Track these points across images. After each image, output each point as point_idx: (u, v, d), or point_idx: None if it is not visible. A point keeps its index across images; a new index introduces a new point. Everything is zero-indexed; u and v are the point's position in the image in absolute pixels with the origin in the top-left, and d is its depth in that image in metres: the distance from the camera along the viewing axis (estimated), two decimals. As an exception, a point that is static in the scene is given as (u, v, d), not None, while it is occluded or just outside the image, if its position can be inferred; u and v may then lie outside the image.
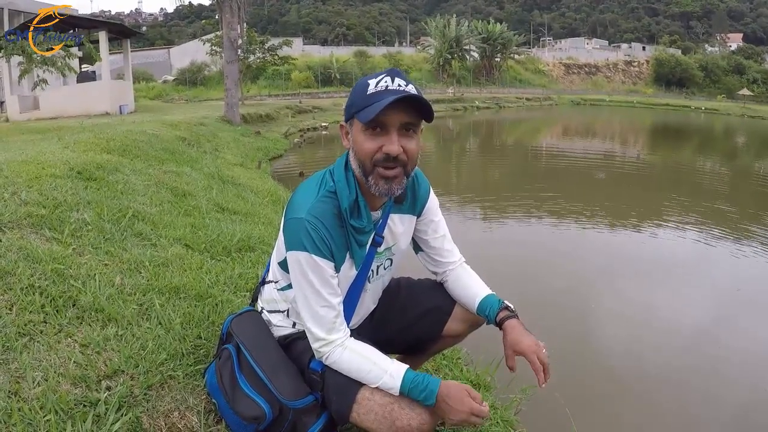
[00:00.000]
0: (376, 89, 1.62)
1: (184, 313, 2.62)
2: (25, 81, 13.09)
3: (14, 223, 3.13)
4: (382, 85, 1.62)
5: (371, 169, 1.66)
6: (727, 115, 48.37)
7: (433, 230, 2.06)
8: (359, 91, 1.66)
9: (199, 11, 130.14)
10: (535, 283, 5.91)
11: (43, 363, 1.97)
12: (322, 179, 1.79)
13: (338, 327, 1.74)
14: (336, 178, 1.75)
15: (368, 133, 1.64)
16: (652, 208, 10.29)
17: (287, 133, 20.05)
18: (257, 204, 6.39)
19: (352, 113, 1.68)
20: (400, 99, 1.58)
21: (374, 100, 1.60)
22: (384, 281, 2.05)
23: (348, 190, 1.73)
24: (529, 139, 25.57)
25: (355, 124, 1.68)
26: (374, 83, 1.63)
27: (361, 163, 1.67)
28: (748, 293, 5.97)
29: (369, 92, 1.62)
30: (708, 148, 24.56)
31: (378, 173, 1.66)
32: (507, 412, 2.97)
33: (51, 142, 7.56)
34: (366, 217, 1.76)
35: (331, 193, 1.74)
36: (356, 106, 1.65)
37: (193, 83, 42.56)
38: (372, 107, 1.59)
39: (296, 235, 1.68)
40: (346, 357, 1.71)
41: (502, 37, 60.43)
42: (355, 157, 1.70)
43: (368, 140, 1.64)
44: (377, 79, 1.64)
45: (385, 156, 1.63)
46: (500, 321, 1.94)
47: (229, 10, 18.75)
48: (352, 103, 1.68)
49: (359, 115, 1.63)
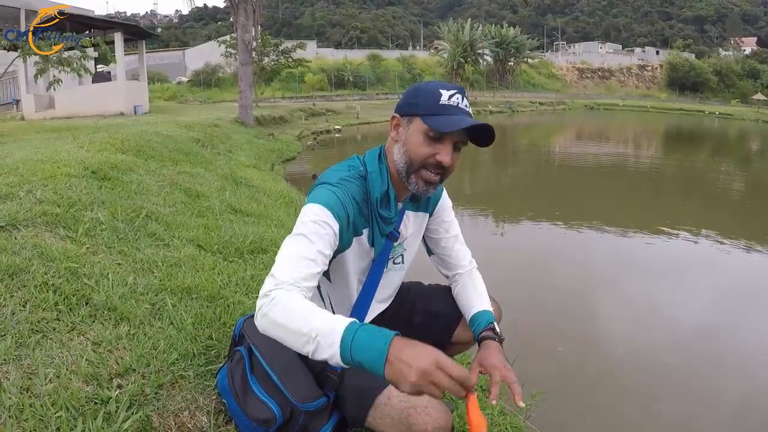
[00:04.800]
0: (449, 102, 1.67)
1: (195, 314, 2.62)
2: (41, 80, 13.19)
3: (29, 221, 3.15)
4: (454, 101, 1.67)
5: (417, 169, 1.70)
6: (741, 120, 48.06)
7: (445, 230, 2.08)
8: (429, 96, 1.69)
9: (214, 13, 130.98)
10: (548, 287, 5.88)
11: (55, 360, 1.98)
12: (350, 165, 1.82)
13: (301, 285, 1.52)
14: (369, 168, 1.79)
15: (427, 138, 1.68)
16: (665, 213, 10.22)
17: (300, 136, 20.12)
18: (270, 206, 6.40)
19: (416, 113, 1.70)
20: (473, 126, 1.66)
21: (448, 112, 1.65)
22: (395, 277, 2.05)
23: (381, 180, 1.77)
24: (542, 144, 25.50)
25: (415, 123, 1.70)
26: (447, 95, 1.68)
27: (410, 161, 1.71)
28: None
29: (442, 102, 1.67)
30: (722, 153, 24.35)
31: (422, 175, 1.71)
32: (516, 418, 2.95)
33: (66, 141, 7.61)
34: (394, 209, 1.80)
35: (361, 177, 1.77)
36: (424, 109, 1.68)
37: (208, 85, 42.80)
38: (447, 120, 1.64)
39: (318, 193, 1.69)
40: (280, 306, 1.42)
41: (516, 41, 60.35)
42: (404, 154, 1.73)
43: (426, 144, 1.68)
44: (449, 92, 1.68)
45: (437, 163, 1.68)
46: (480, 339, 1.91)
47: (244, 12, 18.84)
48: (417, 103, 1.70)
49: (430, 120, 1.66)
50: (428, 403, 1.60)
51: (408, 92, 1.78)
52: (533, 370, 3.85)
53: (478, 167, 16.79)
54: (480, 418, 1.41)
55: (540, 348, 4.43)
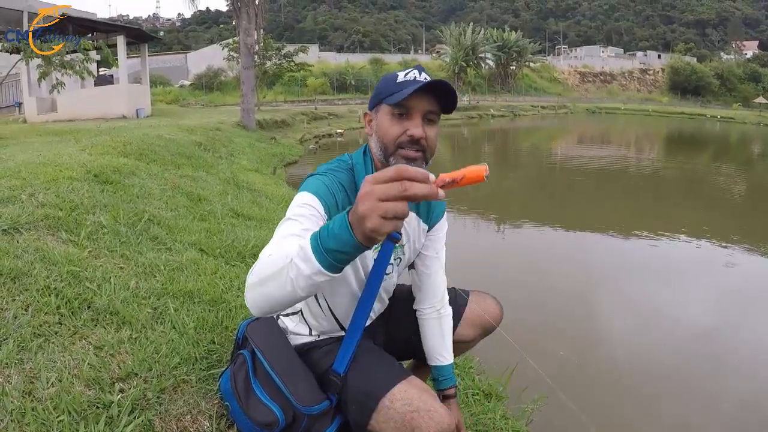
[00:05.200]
0: (405, 79, 1.68)
1: (197, 318, 2.63)
2: (44, 83, 13.24)
3: (31, 225, 3.16)
4: (410, 76, 1.68)
5: (393, 150, 1.69)
6: (743, 124, 48.00)
7: (435, 250, 2.05)
8: (388, 81, 1.72)
9: (216, 17, 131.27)
10: (549, 289, 5.88)
11: (57, 364, 1.98)
12: (339, 159, 1.85)
13: None
14: (355, 160, 1.81)
15: (394, 118, 1.68)
16: (666, 216, 10.22)
17: (302, 140, 20.14)
18: (272, 210, 6.40)
19: (379, 99, 1.72)
20: (428, 87, 1.63)
21: (403, 86, 1.65)
22: (393, 280, 2.04)
23: (365, 171, 1.77)
24: (544, 148, 25.50)
25: (381, 110, 1.73)
26: (403, 74, 1.70)
27: (384, 146, 1.71)
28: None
29: (398, 81, 1.68)
30: (724, 157, 24.32)
31: (400, 154, 1.69)
32: (519, 422, 2.95)
33: (68, 144, 7.63)
34: None
35: (349, 169, 1.79)
36: (384, 93, 1.70)
37: (210, 88, 42.78)
38: (402, 91, 1.63)
39: (306, 183, 1.72)
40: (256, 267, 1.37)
41: (518, 45, 60.38)
42: (378, 141, 1.73)
43: (394, 124, 1.68)
44: (405, 72, 1.71)
45: (410, 138, 1.67)
46: (445, 396, 2.07)
47: (246, 16, 18.87)
48: (379, 92, 1.73)
49: (388, 98, 1.67)
50: (431, 407, 1.61)
51: (374, 89, 1.80)
52: (535, 373, 3.85)
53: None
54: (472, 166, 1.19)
55: (542, 350, 4.42)
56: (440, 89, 1.67)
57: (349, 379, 1.75)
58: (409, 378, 1.70)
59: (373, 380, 1.71)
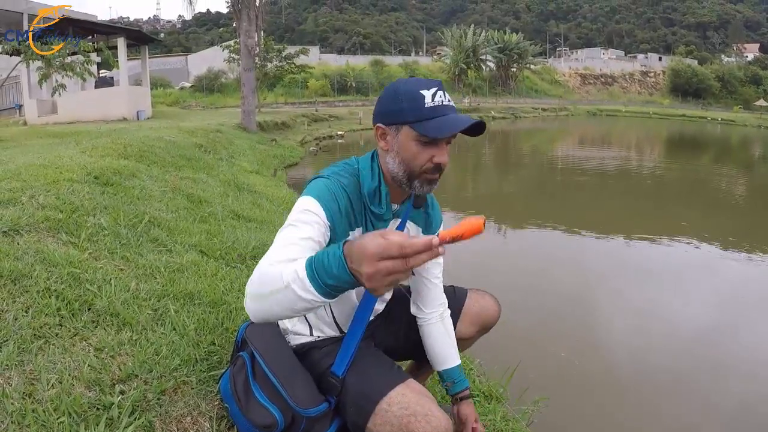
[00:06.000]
0: (434, 103, 1.63)
1: (198, 320, 2.63)
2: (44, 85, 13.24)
3: (32, 227, 3.16)
4: (438, 100, 1.63)
5: (418, 176, 1.69)
6: (743, 126, 48.03)
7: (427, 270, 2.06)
8: (413, 101, 1.64)
9: (217, 19, 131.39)
10: (550, 291, 5.88)
11: (57, 366, 1.98)
12: (345, 162, 1.83)
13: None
14: (361, 166, 1.79)
15: (421, 145, 1.65)
16: (667, 218, 10.21)
17: (303, 141, 20.15)
18: (272, 212, 6.41)
19: (404, 121, 1.66)
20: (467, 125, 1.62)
21: (437, 114, 1.62)
22: None
23: (371, 177, 1.76)
24: (545, 150, 25.50)
25: (405, 131, 1.66)
26: (429, 96, 1.63)
27: (410, 171, 1.69)
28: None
29: (427, 105, 1.62)
30: (725, 159, 24.32)
31: (425, 179, 1.70)
32: (519, 423, 2.95)
33: (69, 146, 7.63)
34: (386, 205, 1.78)
35: (354, 174, 1.77)
36: (411, 116, 1.64)
37: (210, 90, 42.75)
38: (440, 123, 1.61)
39: (310, 186, 1.71)
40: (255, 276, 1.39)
41: (519, 47, 60.38)
42: (399, 162, 1.70)
43: (422, 151, 1.66)
44: (431, 92, 1.64)
45: (436, 166, 1.67)
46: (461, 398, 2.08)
47: (247, 18, 18.87)
48: (401, 110, 1.65)
49: (421, 126, 1.62)
50: (429, 411, 1.60)
51: (386, 97, 1.71)
52: (535, 374, 3.86)
53: (482, 173, 16.81)
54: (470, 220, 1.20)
55: (542, 352, 4.43)
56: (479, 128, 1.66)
57: (348, 382, 1.75)
58: (407, 381, 1.69)
59: (371, 383, 1.71)
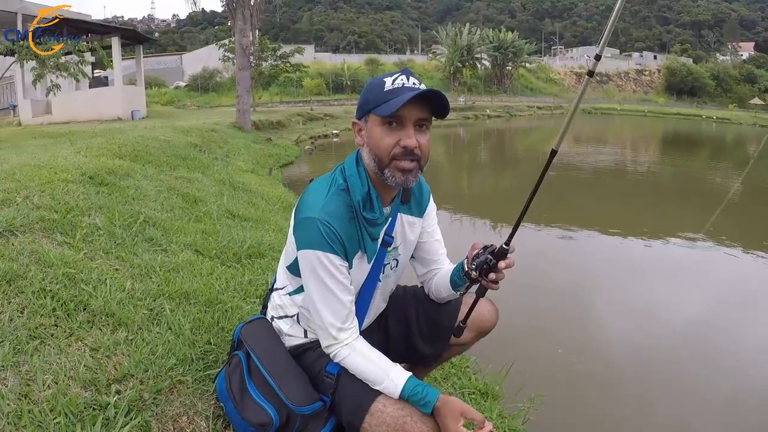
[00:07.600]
0: (393, 86, 1.66)
1: (194, 319, 2.63)
2: (39, 85, 13.20)
3: (26, 227, 3.15)
4: (398, 83, 1.66)
5: (388, 162, 1.69)
6: (738, 125, 48.08)
7: (430, 234, 2.08)
8: (375, 89, 1.69)
9: (212, 18, 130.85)
10: (546, 289, 5.88)
11: (53, 366, 1.98)
12: (332, 178, 1.81)
13: (348, 326, 1.75)
14: (348, 173, 1.78)
15: (386, 128, 1.68)
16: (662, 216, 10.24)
17: (298, 140, 20.12)
18: (268, 211, 6.40)
19: (368, 109, 1.71)
20: (418, 95, 1.62)
21: (393, 95, 1.64)
22: (390, 282, 2.06)
23: (360, 183, 1.76)
24: (540, 148, 25.50)
25: (371, 120, 1.71)
26: (390, 81, 1.67)
27: (378, 158, 1.70)
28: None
29: (386, 89, 1.66)
30: (720, 157, 24.36)
31: (395, 166, 1.69)
32: (515, 421, 2.96)
33: (63, 146, 7.61)
34: (378, 209, 1.78)
35: (342, 190, 1.76)
36: (373, 102, 1.68)
37: (205, 89, 42.66)
38: (392, 102, 1.62)
39: (308, 234, 1.70)
40: (352, 359, 1.72)
41: (514, 46, 60.30)
42: (370, 152, 1.73)
43: (386, 135, 1.68)
44: (393, 78, 1.68)
45: (403, 149, 1.67)
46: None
47: (242, 17, 18.84)
48: (366, 100, 1.71)
49: (378, 109, 1.66)
50: (423, 414, 1.62)
51: (361, 95, 1.78)
52: (531, 372, 3.86)
53: (477, 171, 16.82)
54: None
55: (538, 350, 4.43)
56: (436, 100, 1.67)
57: (343, 381, 1.76)
58: None
59: (365, 383, 1.72)
